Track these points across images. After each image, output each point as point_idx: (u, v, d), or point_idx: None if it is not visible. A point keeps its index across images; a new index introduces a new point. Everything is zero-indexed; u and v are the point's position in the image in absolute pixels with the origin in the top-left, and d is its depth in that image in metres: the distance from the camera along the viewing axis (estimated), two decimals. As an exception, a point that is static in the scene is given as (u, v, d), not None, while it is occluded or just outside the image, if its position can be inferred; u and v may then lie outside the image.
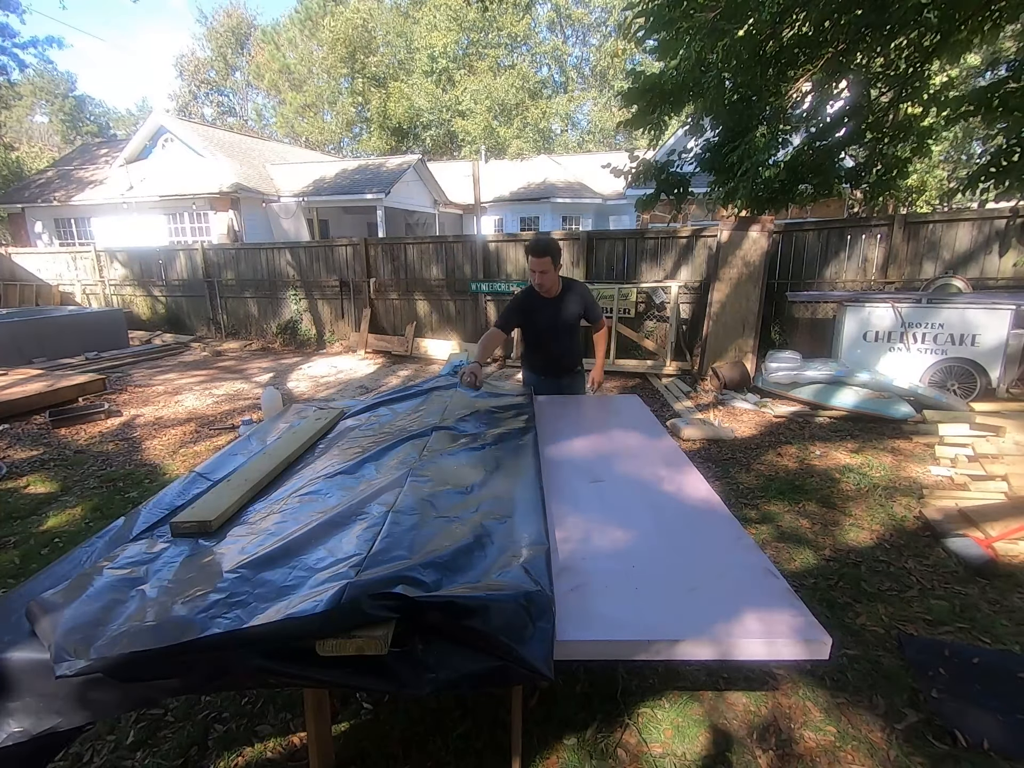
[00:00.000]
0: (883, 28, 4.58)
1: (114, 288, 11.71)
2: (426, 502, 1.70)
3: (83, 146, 20.28)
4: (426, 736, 1.86)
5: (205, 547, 1.51)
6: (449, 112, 28.68)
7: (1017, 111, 4.08)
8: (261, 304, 10.23)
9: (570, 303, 3.11)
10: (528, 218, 17.11)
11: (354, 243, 9.28)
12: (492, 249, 8.37)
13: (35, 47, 19.90)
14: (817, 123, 5.99)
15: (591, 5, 30.62)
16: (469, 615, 1.16)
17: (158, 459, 4.55)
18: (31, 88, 33.21)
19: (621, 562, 1.51)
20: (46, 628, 1.15)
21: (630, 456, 2.31)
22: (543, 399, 3.10)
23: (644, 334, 7.56)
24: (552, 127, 30.90)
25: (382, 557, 1.35)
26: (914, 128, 5.66)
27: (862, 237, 6.46)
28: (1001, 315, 5.01)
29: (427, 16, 29.18)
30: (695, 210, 13.46)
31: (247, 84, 36.72)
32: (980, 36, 4.56)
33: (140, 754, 1.84)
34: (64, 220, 15.91)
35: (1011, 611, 2.46)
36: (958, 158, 17.71)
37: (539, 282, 3.00)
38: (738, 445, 4.64)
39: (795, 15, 4.84)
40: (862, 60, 5.36)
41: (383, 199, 14.28)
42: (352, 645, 1.10)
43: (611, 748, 1.81)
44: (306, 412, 2.86)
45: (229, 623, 1.14)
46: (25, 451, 4.73)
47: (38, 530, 3.38)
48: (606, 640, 1.23)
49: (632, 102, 5.68)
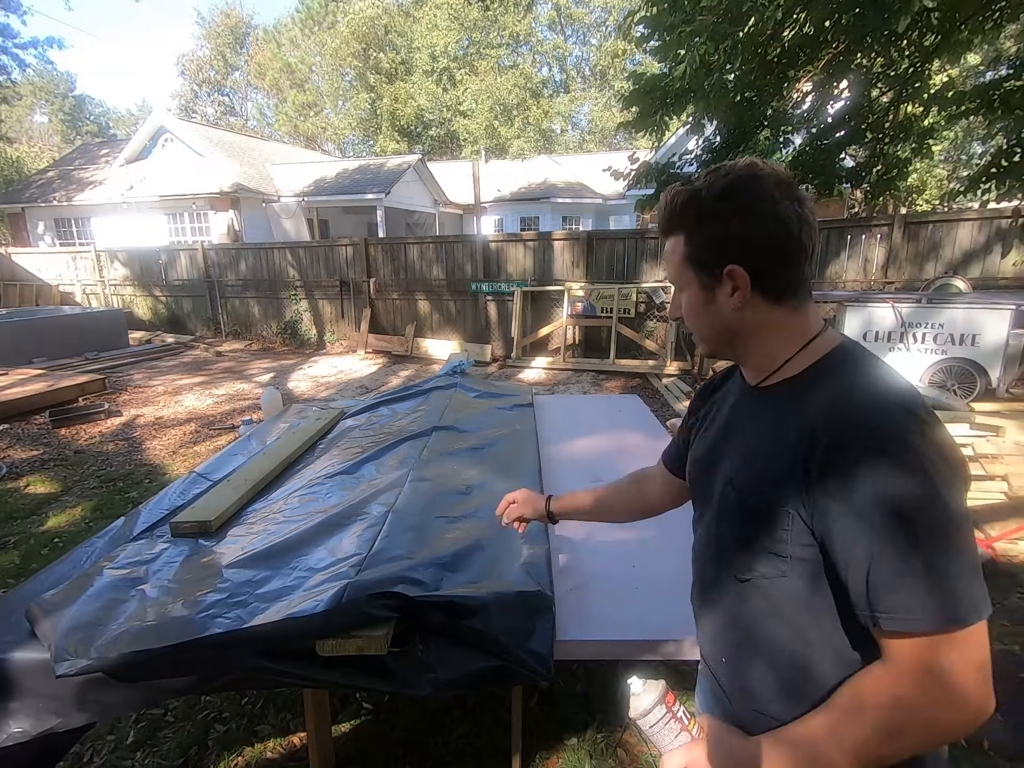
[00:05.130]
0: (884, 28, 4.58)
1: (114, 288, 11.70)
2: (426, 502, 1.70)
3: (83, 146, 20.27)
4: (426, 736, 1.86)
5: (205, 547, 1.51)
6: (450, 112, 28.69)
7: (1018, 109, 4.08)
8: (262, 304, 10.22)
9: (768, 427, 0.76)
10: (528, 218, 17.10)
11: (355, 243, 9.28)
12: (492, 249, 8.37)
13: (35, 47, 19.89)
14: (818, 123, 5.99)
15: (591, 5, 30.61)
16: (469, 615, 1.16)
17: (158, 459, 4.55)
18: (31, 88, 33.21)
19: (621, 562, 1.51)
20: (46, 628, 1.15)
21: (630, 456, 2.31)
22: (543, 399, 3.09)
23: (645, 334, 7.56)
24: (553, 127, 30.91)
25: (382, 557, 1.36)
26: (915, 128, 5.66)
27: (863, 237, 6.45)
28: (1001, 315, 5.00)
29: (428, 15, 29.19)
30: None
31: (247, 84, 36.74)
32: (980, 36, 4.56)
33: (140, 754, 1.84)
34: (64, 220, 15.91)
35: (1011, 611, 2.46)
36: (958, 158, 17.71)
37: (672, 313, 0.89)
38: (738, 445, 4.63)
39: (796, 15, 4.84)
40: (863, 60, 5.36)
41: (383, 199, 14.27)
42: (352, 645, 1.10)
43: (611, 748, 1.81)
44: (306, 412, 2.86)
45: (229, 623, 1.14)
46: (25, 451, 4.73)
47: (38, 530, 3.37)
48: (606, 640, 1.23)
49: (633, 104, 5.68)
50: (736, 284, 0.73)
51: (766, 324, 0.75)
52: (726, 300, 0.74)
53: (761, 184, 0.71)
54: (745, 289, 0.72)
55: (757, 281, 0.72)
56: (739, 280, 0.72)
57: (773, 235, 0.70)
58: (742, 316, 0.75)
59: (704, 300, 0.77)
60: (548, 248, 8.00)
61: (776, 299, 0.73)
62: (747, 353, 0.78)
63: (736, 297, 0.73)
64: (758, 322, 0.75)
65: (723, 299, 0.75)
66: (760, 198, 0.70)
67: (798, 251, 0.71)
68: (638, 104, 5.63)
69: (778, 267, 0.72)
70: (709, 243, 0.73)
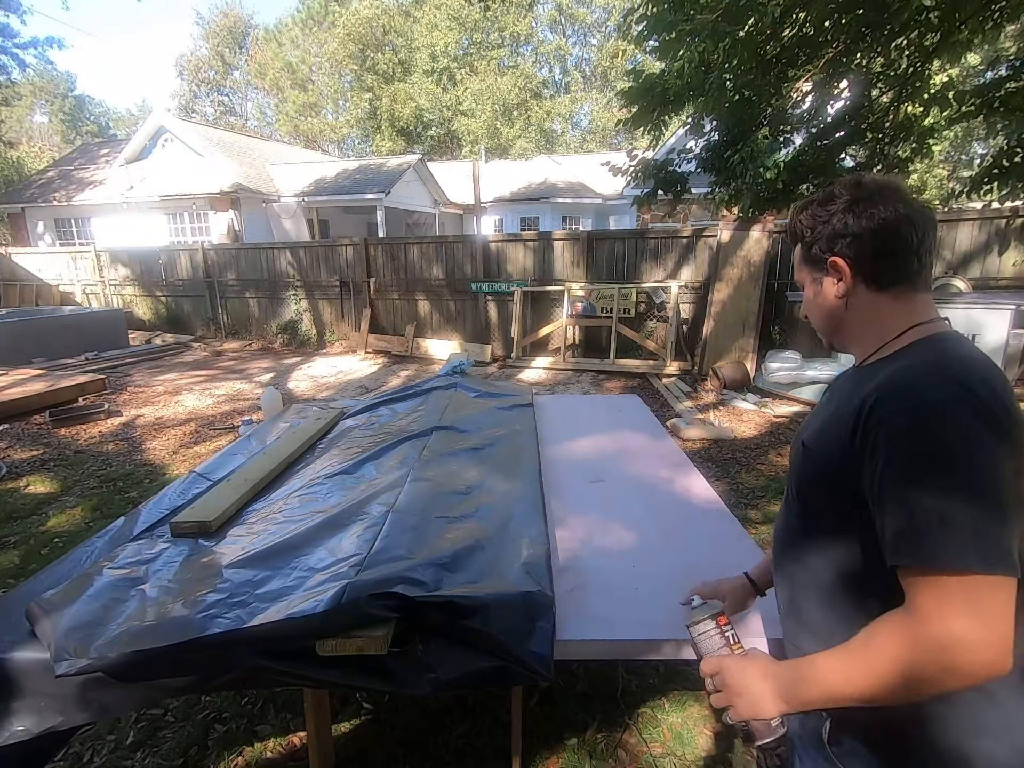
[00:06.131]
0: (884, 28, 4.58)
1: (114, 288, 11.70)
2: (426, 502, 1.70)
3: (83, 146, 20.27)
4: (426, 736, 1.86)
5: (205, 547, 1.51)
6: (450, 111, 28.69)
7: (1019, 110, 4.08)
8: (262, 304, 10.23)
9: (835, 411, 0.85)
10: (528, 218, 17.10)
11: (355, 243, 9.28)
12: (493, 249, 8.37)
13: (35, 47, 19.88)
14: (818, 123, 5.99)
15: (591, 5, 30.62)
16: (469, 615, 1.16)
17: (158, 459, 4.55)
18: (31, 88, 33.21)
19: (621, 562, 1.51)
20: (46, 628, 1.15)
21: (630, 456, 2.31)
22: (543, 399, 3.09)
23: (645, 334, 7.56)
24: (554, 127, 30.92)
25: (382, 557, 1.35)
26: (915, 128, 5.66)
27: (862, 237, 6.46)
28: (1001, 315, 5.01)
29: (428, 15, 29.19)
30: (696, 210, 13.45)
31: (247, 83, 36.75)
32: (981, 36, 4.56)
33: (140, 754, 1.84)
34: (64, 220, 15.91)
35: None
36: (958, 158, 17.71)
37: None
38: (739, 445, 4.64)
39: (796, 15, 4.84)
40: (863, 60, 5.36)
41: (383, 199, 14.27)
42: (352, 645, 1.10)
43: (611, 748, 1.81)
44: (306, 412, 2.86)
45: (229, 623, 1.14)
46: (25, 451, 4.73)
47: (38, 530, 3.37)
48: (606, 640, 1.23)
49: (632, 101, 5.67)
50: (839, 273, 0.82)
51: (867, 310, 0.83)
52: (831, 289, 0.84)
53: (861, 188, 0.81)
54: (847, 277, 0.82)
55: (858, 270, 0.81)
56: (841, 269, 0.82)
57: (871, 229, 0.78)
58: (846, 303, 0.84)
59: (815, 292, 0.88)
60: (548, 248, 8.00)
61: (878, 287, 0.81)
62: (852, 337, 0.87)
63: (840, 285, 0.83)
64: (860, 308, 0.83)
65: (829, 288, 0.85)
66: (859, 199, 0.80)
67: (898, 243, 0.78)
68: (637, 102, 5.63)
69: (877, 257, 0.80)
70: (817, 241, 0.84)
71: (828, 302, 0.85)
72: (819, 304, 0.87)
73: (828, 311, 0.87)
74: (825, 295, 0.85)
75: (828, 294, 0.85)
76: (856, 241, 0.80)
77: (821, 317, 0.89)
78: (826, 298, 0.85)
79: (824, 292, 0.85)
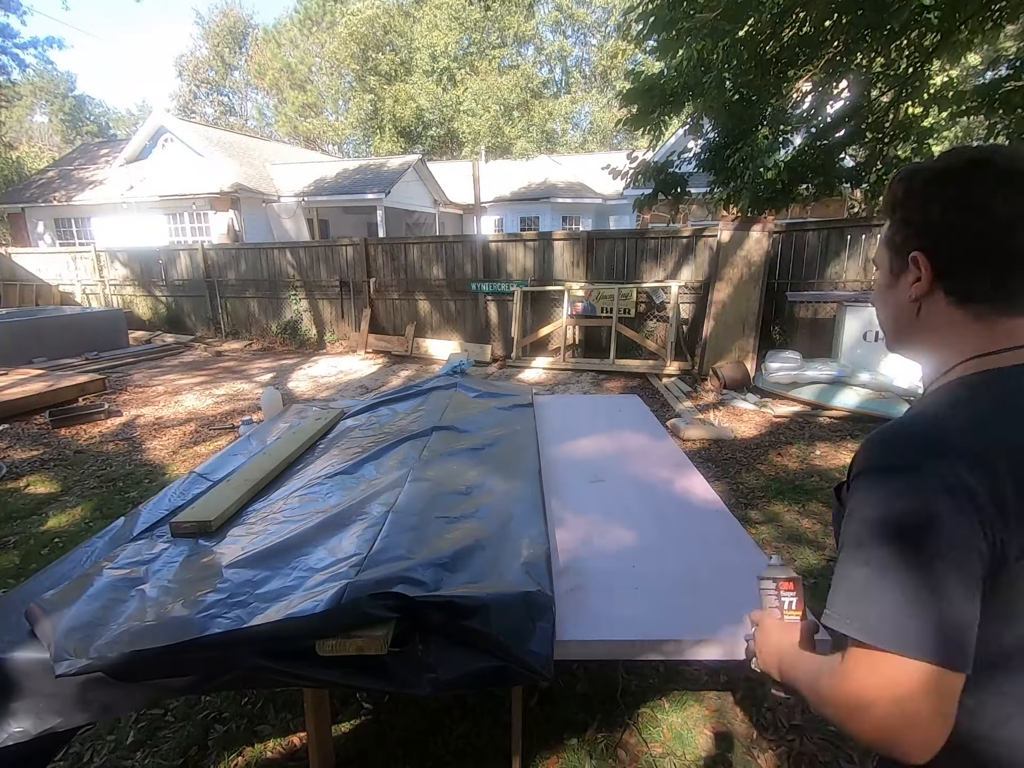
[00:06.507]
0: (884, 28, 4.58)
1: (114, 288, 11.70)
2: (426, 502, 1.70)
3: (83, 146, 20.27)
4: (426, 736, 1.86)
5: (205, 547, 1.51)
6: (451, 111, 28.68)
7: (1019, 109, 4.08)
8: (262, 304, 10.22)
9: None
10: (528, 218, 17.10)
11: (355, 243, 9.28)
12: (493, 249, 8.36)
13: (35, 47, 19.89)
14: (818, 123, 6.00)
15: (592, 5, 30.62)
16: (469, 615, 1.16)
17: (158, 459, 4.55)
18: (31, 88, 33.21)
19: (621, 562, 1.51)
20: (46, 628, 1.15)
21: (630, 456, 2.31)
22: (543, 399, 3.09)
23: (645, 334, 7.56)
24: (555, 128, 30.92)
25: (382, 557, 1.36)
26: (915, 128, 5.67)
27: (863, 237, 6.45)
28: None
29: (428, 15, 29.19)
30: (696, 210, 13.45)
31: (247, 84, 36.75)
32: (980, 36, 4.57)
33: (140, 754, 1.84)
34: (64, 220, 15.91)
35: None
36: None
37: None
38: (739, 445, 4.64)
39: (795, 15, 4.84)
40: (862, 60, 5.37)
41: (383, 199, 14.27)
42: (352, 645, 1.10)
43: (611, 748, 1.81)
44: (306, 412, 2.86)
45: (229, 623, 1.14)
46: (25, 451, 4.73)
47: (38, 530, 3.37)
48: (606, 640, 1.23)
49: (632, 102, 5.68)
50: (918, 273, 0.67)
51: (940, 325, 0.68)
52: (906, 288, 0.70)
53: (981, 171, 0.63)
54: (926, 280, 0.67)
55: (942, 276, 0.66)
56: (922, 269, 0.67)
57: (974, 230, 0.63)
58: (917, 309, 0.69)
59: (888, 283, 0.73)
60: (548, 248, 8.00)
61: (959, 301, 0.66)
62: (919, 352, 0.73)
63: (915, 287, 0.68)
64: (931, 320, 0.69)
65: (904, 286, 0.70)
66: (972, 187, 0.63)
67: (1003, 253, 0.62)
68: (637, 102, 5.63)
69: (970, 266, 0.64)
70: (905, 226, 0.69)
71: (899, 301, 0.71)
72: (886, 299, 0.74)
73: (896, 311, 0.73)
74: (898, 292, 0.71)
75: (901, 292, 0.70)
76: (950, 243, 0.65)
77: (885, 313, 0.75)
78: (898, 296, 0.71)
79: (898, 288, 0.71)
